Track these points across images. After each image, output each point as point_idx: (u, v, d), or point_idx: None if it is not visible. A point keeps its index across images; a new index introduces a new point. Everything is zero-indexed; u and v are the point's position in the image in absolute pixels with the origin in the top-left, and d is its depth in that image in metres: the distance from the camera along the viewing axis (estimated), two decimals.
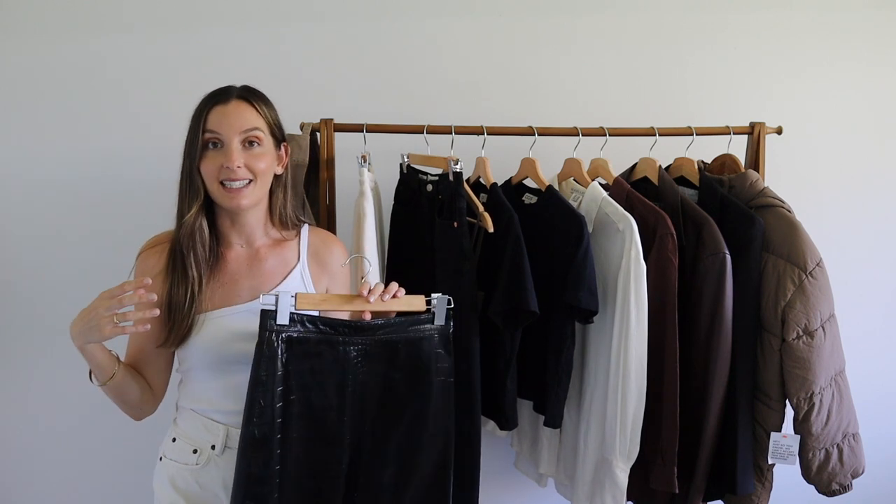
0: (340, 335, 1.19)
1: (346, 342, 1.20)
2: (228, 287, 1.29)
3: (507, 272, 1.53)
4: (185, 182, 1.26)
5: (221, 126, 1.23)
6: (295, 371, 1.17)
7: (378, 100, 2.00)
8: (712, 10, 2.14)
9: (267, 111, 1.29)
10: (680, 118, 1.88)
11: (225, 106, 1.24)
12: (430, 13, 2.02)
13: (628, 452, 1.59)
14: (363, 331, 1.21)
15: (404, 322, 1.24)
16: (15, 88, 1.90)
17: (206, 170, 1.24)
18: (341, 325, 1.20)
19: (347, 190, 1.69)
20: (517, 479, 2.03)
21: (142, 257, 1.31)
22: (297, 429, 1.18)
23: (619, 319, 1.56)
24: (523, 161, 1.74)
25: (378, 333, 1.21)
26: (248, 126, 1.24)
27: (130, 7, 1.91)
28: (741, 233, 1.61)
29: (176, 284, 1.24)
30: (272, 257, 1.33)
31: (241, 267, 1.31)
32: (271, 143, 1.29)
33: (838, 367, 1.65)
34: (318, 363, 1.18)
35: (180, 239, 1.26)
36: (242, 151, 1.24)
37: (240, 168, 1.23)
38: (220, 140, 1.24)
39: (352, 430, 1.21)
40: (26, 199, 1.93)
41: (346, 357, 1.20)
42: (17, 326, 1.98)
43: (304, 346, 1.18)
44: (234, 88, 1.28)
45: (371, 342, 1.21)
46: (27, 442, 2.03)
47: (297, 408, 1.17)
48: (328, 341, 1.19)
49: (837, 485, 1.67)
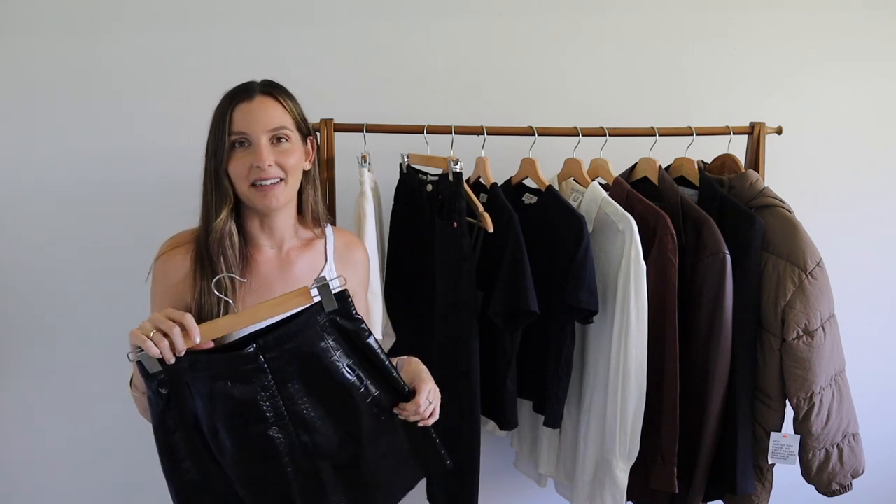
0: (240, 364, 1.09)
1: (252, 366, 1.10)
2: (261, 292, 1.23)
3: (506, 272, 1.53)
4: (211, 184, 1.20)
5: (248, 125, 1.18)
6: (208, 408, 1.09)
7: (378, 100, 1.99)
8: (712, 11, 2.14)
9: (292, 105, 1.25)
10: (680, 118, 1.88)
11: (250, 103, 1.19)
12: (430, 13, 2.02)
13: (628, 452, 1.59)
14: (250, 357, 1.10)
15: (294, 326, 1.12)
16: (14, 89, 1.90)
17: (236, 171, 1.18)
18: (236, 358, 1.09)
19: (347, 190, 1.69)
20: (517, 479, 2.03)
21: (163, 258, 1.22)
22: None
23: (619, 319, 1.56)
24: (523, 161, 1.74)
25: (269, 353, 1.10)
26: (275, 124, 1.19)
27: (129, 7, 1.91)
28: (741, 233, 1.61)
29: (206, 293, 1.17)
30: (301, 260, 1.29)
31: (271, 270, 1.26)
32: (299, 139, 1.24)
33: (838, 367, 1.65)
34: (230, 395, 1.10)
35: (210, 245, 1.19)
36: (271, 149, 1.19)
37: (271, 167, 1.17)
38: (248, 139, 1.18)
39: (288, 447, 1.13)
40: (26, 201, 1.93)
41: (257, 380, 1.10)
42: (17, 328, 1.98)
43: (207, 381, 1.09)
44: (256, 84, 1.23)
45: (270, 368, 1.10)
46: (26, 441, 2.03)
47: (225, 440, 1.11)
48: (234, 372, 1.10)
49: (837, 485, 1.67)
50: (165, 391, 1.07)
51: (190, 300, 1.18)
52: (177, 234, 1.26)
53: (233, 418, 1.09)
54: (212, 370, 1.08)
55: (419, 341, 1.66)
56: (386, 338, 1.64)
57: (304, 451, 1.13)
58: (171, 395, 1.08)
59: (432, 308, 1.58)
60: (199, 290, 1.18)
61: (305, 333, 1.12)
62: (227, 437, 1.10)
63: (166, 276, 1.21)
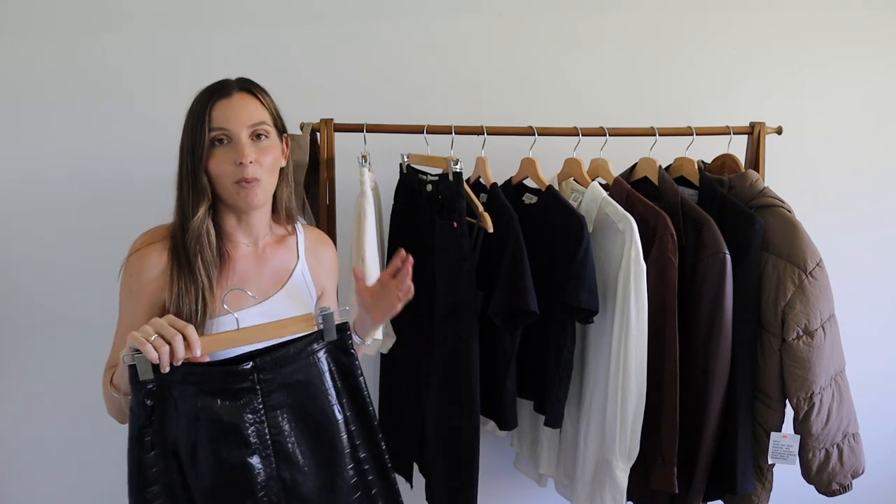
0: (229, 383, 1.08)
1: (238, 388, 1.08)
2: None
3: (506, 272, 1.53)
4: (188, 182, 1.19)
5: (228, 121, 1.17)
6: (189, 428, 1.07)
7: (378, 100, 1.99)
8: (712, 11, 2.14)
9: (269, 102, 1.25)
10: (680, 118, 1.88)
11: (229, 100, 1.19)
12: (430, 13, 2.02)
13: (628, 452, 1.59)
14: (243, 375, 1.09)
15: (293, 349, 1.12)
16: (16, 87, 1.90)
17: (218, 169, 1.18)
18: (226, 373, 1.08)
19: (347, 190, 1.69)
20: (517, 479, 2.03)
21: (138, 255, 1.21)
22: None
23: (619, 319, 1.56)
24: (523, 161, 1.74)
25: (264, 374, 1.10)
26: (255, 120, 1.19)
27: (130, 6, 1.91)
28: (741, 233, 1.61)
29: (185, 291, 1.17)
30: (275, 256, 1.30)
31: (248, 266, 1.27)
32: (276, 135, 1.25)
33: (838, 367, 1.65)
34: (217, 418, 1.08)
35: (187, 243, 1.19)
36: (252, 145, 1.19)
37: (252, 163, 1.17)
38: (228, 136, 1.18)
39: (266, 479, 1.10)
40: (28, 198, 1.93)
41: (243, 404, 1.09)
42: (19, 325, 1.98)
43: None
44: (233, 81, 1.23)
45: (262, 390, 1.09)
46: (26, 441, 2.03)
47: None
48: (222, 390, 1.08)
49: (837, 485, 1.67)
50: (151, 403, 1.05)
51: (166, 298, 1.18)
52: (150, 230, 1.25)
53: (215, 439, 1.06)
54: (204, 384, 1.06)
55: (419, 341, 1.66)
56: (386, 338, 1.64)
57: (283, 488, 1.10)
58: (156, 408, 1.05)
59: (432, 308, 1.58)
60: (178, 290, 1.17)
61: (302, 360, 1.12)
62: (206, 459, 1.06)
63: (141, 272, 1.20)
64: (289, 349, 1.11)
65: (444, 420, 1.59)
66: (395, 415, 1.81)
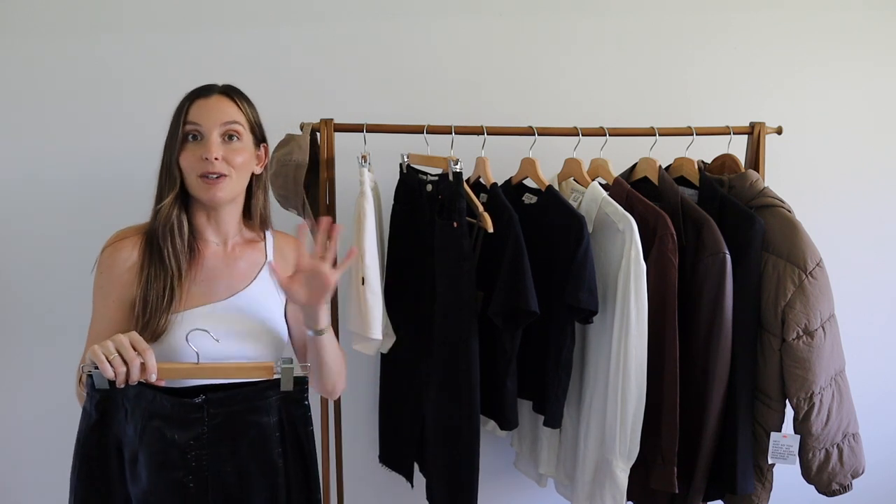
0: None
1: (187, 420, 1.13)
2: (206, 285, 1.27)
3: (506, 272, 1.53)
4: (164, 175, 1.26)
5: (201, 118, 1.24)
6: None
7: (378, 100, 1.99)
8: (712, 11, 2.14)
9: (248, 108, 1.30)
10: (680, 118, 1.88)
11: (207, 100, 1.25)
12: (430, 13, 2.02)
13: (628, 452, 1.59)
14: (195, 415, 1.14)
15: (246, 391, 1.16)
16: (16, 87, 1.90)
17: (186, 162, 1.24)
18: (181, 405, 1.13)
19: (347, 190, 1.69)
20: (517, 479, 2.03)
21: (110, 249, 1.26)
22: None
23: (619, 319, 1.56)
24: (523, 161, 1.74)
25: (214, 408, 1.14)
26: (227, 119, 1.25)
27: (129, 7, 1.91)
28: (741, 233, 1.61)
29: (153, 278, 1.22)
30: (244, 257, 1.34)
31: (217, 264, 1.30)
32: (251, 141, 1.29)
33: (838, 367, 1.65)
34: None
35: (156, 229, 1.24)
36: (221, 144, 1.24)
37: (217, 160, 1.22)
38: (200, 132, 1.24)
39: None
40: (28, 198, 1.93)
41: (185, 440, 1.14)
42: (18, 325, 1.98)
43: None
44: (217, 85, 1.29)
45: (209, 424, 1.14)
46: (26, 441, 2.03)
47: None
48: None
49: (837, 485, 1.67)
50: (103, 407, 1.12)
51: (136, 290, 1.22)
52: (124, 228, 1.31)
53: (156, 456, 1.13)
54: (154, 408, 1.13)
55: (419, 341, 1.66)
56: (386, 338, 1.64)
57: None
58: (107, 411, 1.13)
59: (432, 308, 1.58)
60: (147, 276, 1.22)
61: (253, 403, 1.16)
62: (144, 470, 1.13)
63: (112, 266, 1.25)
64: (243, 390, 1.15)
65: (444, 420, 1.59)
66: (395, 415, 1.81)
